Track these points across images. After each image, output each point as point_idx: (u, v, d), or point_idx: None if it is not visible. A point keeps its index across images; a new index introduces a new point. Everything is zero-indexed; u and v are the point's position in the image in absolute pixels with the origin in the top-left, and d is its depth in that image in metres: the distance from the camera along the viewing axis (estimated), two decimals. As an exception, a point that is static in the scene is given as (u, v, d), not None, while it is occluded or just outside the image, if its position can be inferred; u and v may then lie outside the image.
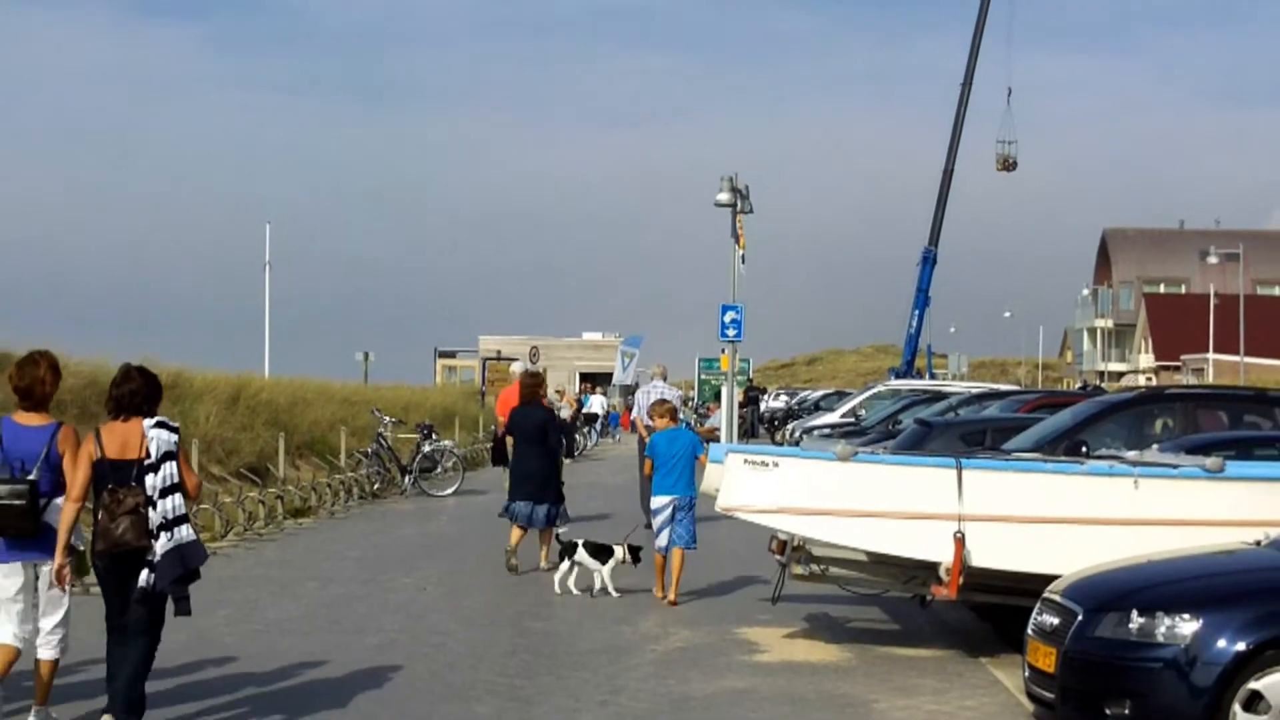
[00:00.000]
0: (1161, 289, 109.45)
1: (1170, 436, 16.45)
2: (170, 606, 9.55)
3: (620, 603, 15.50)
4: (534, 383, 18.76)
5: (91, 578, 10.17)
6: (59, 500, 9.57)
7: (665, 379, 25.68)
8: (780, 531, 13.32)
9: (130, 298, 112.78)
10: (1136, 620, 9.24)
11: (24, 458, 9.61)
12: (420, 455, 30.30)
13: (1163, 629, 9.13)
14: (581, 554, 16.00)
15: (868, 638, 13.74)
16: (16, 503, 9.42)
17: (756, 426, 56.80)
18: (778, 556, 13.76)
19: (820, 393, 66.73)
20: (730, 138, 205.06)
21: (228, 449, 25.56)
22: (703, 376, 62.03)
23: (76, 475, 9.47)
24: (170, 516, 9.35)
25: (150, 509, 9.33)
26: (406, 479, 29.76)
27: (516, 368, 25.16)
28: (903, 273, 65.43)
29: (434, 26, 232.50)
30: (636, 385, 52.27)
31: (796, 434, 38.16)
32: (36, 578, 9.63)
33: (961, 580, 12.04)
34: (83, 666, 11.22)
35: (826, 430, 34.56)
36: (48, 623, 9.69)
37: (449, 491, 29.58)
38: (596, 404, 56.38)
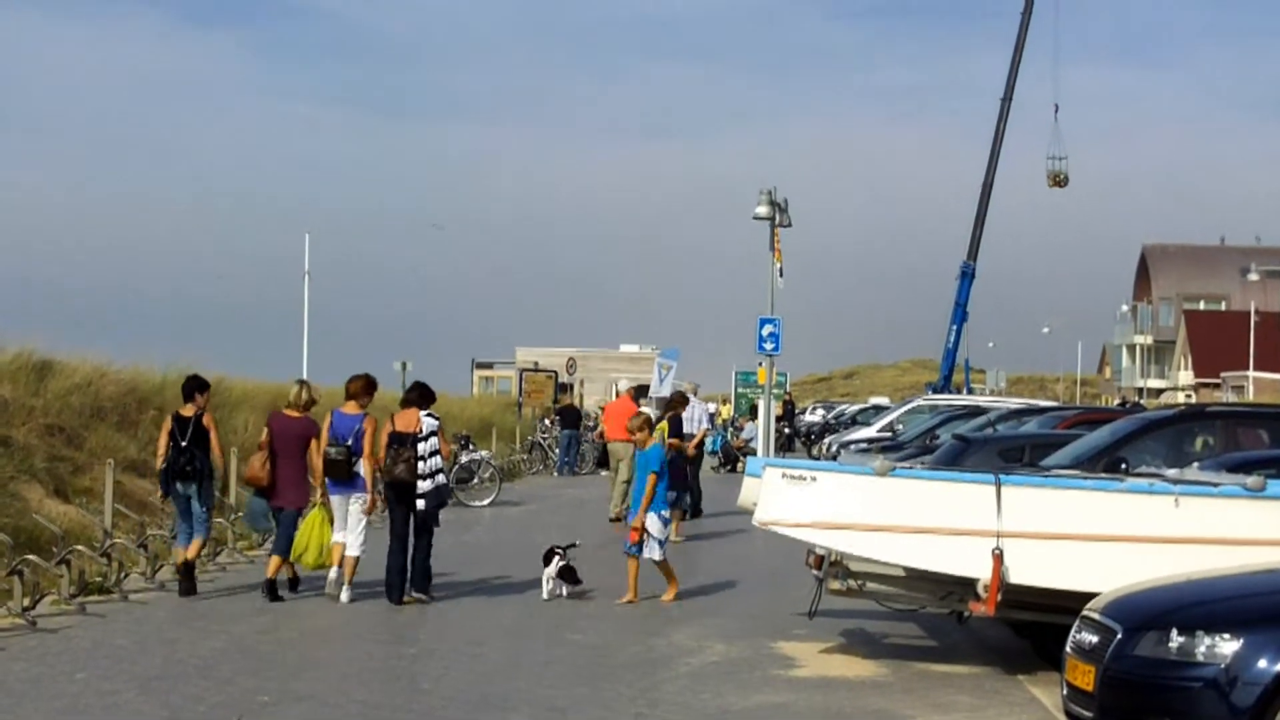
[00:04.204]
0: (1201, 305, 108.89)
1: (1211, 454, 16.38)
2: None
3: (656, 616, 15.50)
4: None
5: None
6: (361, 461, 15.81)
7: (696, 394, 26.98)
8: (817, 546, 13.28)
9: (171, 306, 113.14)
10: (1176, 639, 9.18)
11: (344, 434, 15.85)
12: (457, 466, 30.34)
13: (1203, 648, 9.07)
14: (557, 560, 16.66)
15: (905, 653, 13.70)
16: (340, 459, 15.74)
17: (793, 440, 56.69)
18: (814, 571, 13.72)
19: (857, 407, 66.58)
20: (769, 150, 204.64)
21: (266, 457, 25.62)
22: (739, 390, 61.86)
23: (379, 442, 16.01)
24: (432, 470, 15.92)
25: (420, 462, 15.79)
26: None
27: (622, 385, 27.35)
28: (941, 287, 65.20)
29: (470, 39, 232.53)
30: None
31: (833, 448, 38.08)
32: (346, 506, 15.91)
33: (999, 597, 11.98)
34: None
35: (863, 445, 34.47)
36: (355, 533, 15.94)
37: (485, 502, 29.62)
38: None
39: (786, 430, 54.95)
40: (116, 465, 18.89)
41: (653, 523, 16.18)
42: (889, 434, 37.22)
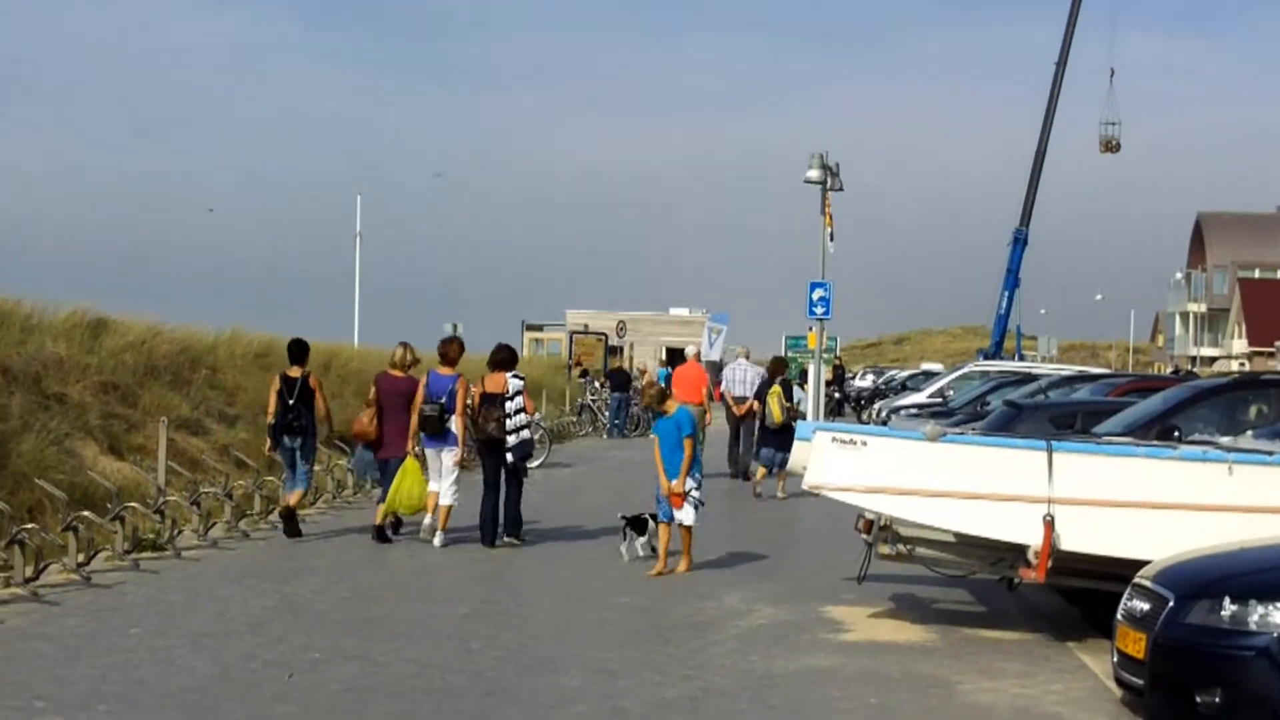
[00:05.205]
0: (1256, 274, 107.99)
1: (1265, 423, 16.24)
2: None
3: (704, 578, 15.52)
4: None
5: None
6: (453, 416, 17.35)
7: (748, 358, 27.65)
8: (867, 510, 13.26)
9: (223, 268, 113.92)
10: (1229, 607, 9.13)
11: (439, 393, 17.41)
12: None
13: (1255, 617, 9.03)
14: (652, 525, 16.51)
15: (953, 619, 13.68)
16: (435, 414, 17.29)
17: (843, 405, 56.58)
18: (864, 535, 13.70)
19: (908, 372, 66.39)
20: (819, 117, 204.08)
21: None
22: (789, 354, 61.77)
23: (471, 402, 17.48)
24: (518, 425, 17.36)
25: (507, 419, 17.27)
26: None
27: (690, 350, 29.41)
28: (993, 254, 64.83)
29: (524, 7, 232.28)
30: (723, 361, 52.27)
31: (884, 413, 37.99)
32: (440, 458, 17.49)
33: (1050, 564, 11.94)
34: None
35: (914, 410, 34.37)
36: (447, 483, 17.53)
37: (535, 464, 29.61)
38: None
39: (836, 395, 54.85)
40: (170, 423, 19.01)
41: (690, 484, 15.84)
42: (940, 400, 37.09)
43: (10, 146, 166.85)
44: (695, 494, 15.92)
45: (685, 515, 15.86)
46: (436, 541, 17.27)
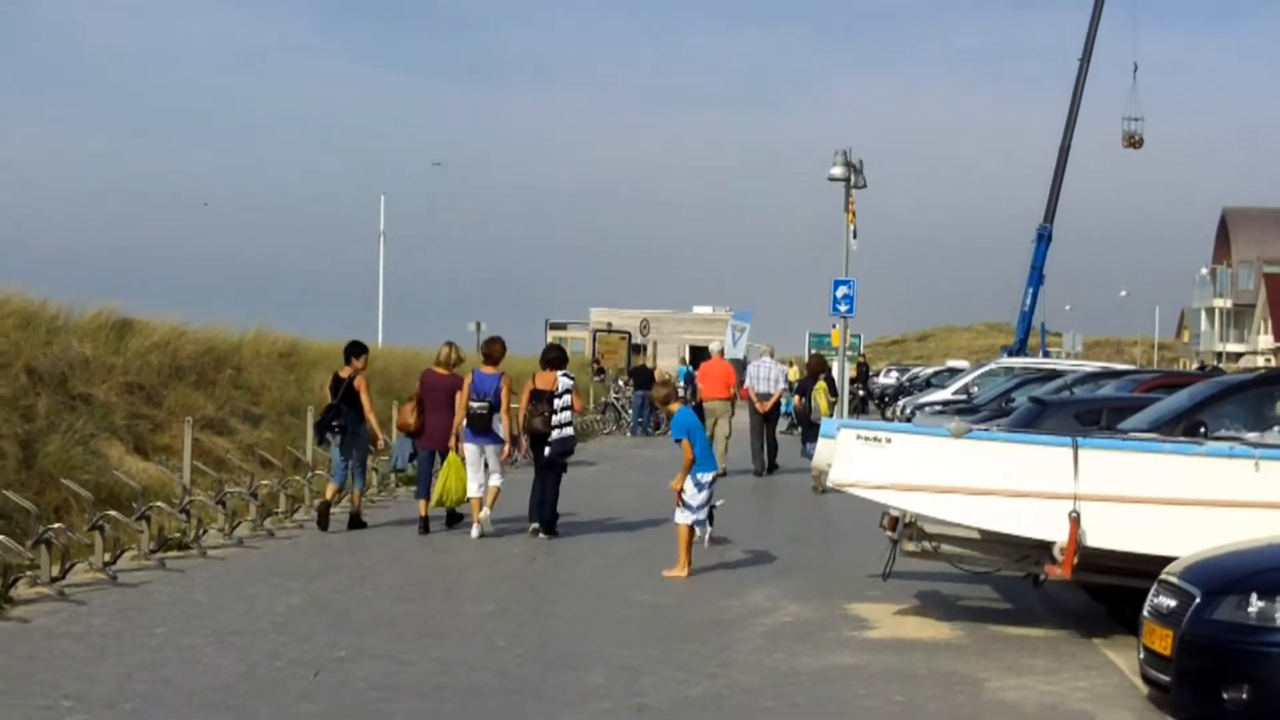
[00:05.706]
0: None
1: (1292, 419, 16.14)
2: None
3: (728, 576, 15.50)
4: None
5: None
6: (498, 414, 18.09)
7: (772, 356, 27.99)
8: (892, 508, 13.23)
9: (225, 269, 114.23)
10: (1256, 604, 9.10)
11: (485, 390, 18.07)
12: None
13: (1283, 613, 8.99)
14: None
15: (979, 616, 13.64)
16: (482, 411, 18.01)
17: (867, 403, 56.50)
18: (889, 533, 13.67)
19: (932, 369, 66.28)
20: (841, 114, 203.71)
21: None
22: (813, 352, 61.70)
23: (520, 399, 18.28)
24: (563, 422, 18.02)
25: (553, 415, 17.89)
26: (516, 450, 29.81)
27: (714, 347, 30.17)
28: (1017, 250, 64.62)
29: (537, 4, 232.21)
30: (746, 359, 52.24)
31: (908, 410, 37.91)
32: (483, 452, 18.17)
33: (1076, 560, 11.91)
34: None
35: (938, 407, 34.30)
36: (494, 470, 18.31)
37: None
38: None
39: (860, 393, 54.78)
40: (195, 423, 19.06)
41: (688, 486, 15.65)
42: (964, 396, 37.00)
43: (10, 146, 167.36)
44: (688, 493, 15.60)
45: (678, 515, 15.63)
46: (480, 516, 18.09)
